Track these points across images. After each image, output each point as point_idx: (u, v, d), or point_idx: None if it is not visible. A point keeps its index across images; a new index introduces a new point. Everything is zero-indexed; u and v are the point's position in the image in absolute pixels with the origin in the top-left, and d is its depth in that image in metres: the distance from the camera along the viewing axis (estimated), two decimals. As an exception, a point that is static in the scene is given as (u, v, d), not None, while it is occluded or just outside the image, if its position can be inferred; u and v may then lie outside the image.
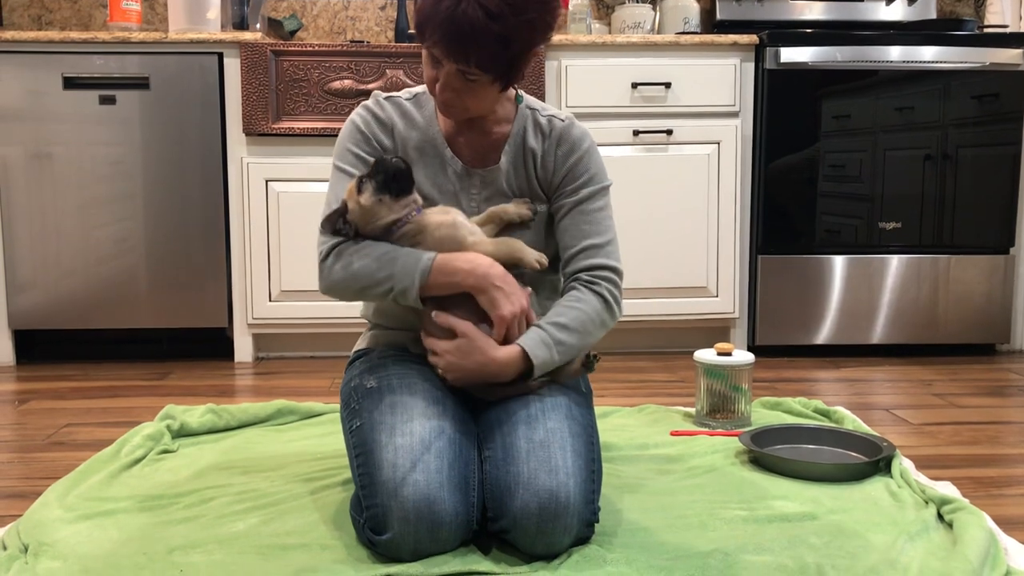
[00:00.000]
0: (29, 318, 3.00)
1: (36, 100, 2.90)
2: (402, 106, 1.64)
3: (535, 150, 1.62)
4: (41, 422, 2.32)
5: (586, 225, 1.61)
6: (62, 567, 1.40)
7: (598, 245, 1.60)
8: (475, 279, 1.50)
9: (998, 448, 2.10)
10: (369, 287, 1.52)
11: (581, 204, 1.61)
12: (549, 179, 1.63)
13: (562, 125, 1.63)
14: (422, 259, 1.50)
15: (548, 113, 1.64)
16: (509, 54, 1.44)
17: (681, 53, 3.00)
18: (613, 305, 1.59)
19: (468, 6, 1.39)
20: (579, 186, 1.62)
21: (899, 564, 1.40)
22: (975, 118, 3.04)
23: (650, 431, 2.13)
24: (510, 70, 1.47)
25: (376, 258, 1.51)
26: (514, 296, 1.50)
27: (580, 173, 1.62)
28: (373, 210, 1.51)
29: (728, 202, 3.04)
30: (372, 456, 1.44)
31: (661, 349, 3.17)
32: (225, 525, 1.57)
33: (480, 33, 1.40)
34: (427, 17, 1.43)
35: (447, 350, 1.52)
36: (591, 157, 1.63)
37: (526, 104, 1.65)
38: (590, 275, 1.59)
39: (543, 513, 1.38)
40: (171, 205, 2.98)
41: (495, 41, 1.41)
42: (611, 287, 1.59)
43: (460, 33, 1.40)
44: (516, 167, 1.62)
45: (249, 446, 2.04)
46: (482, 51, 1.42)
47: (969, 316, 3.12)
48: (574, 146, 1.62)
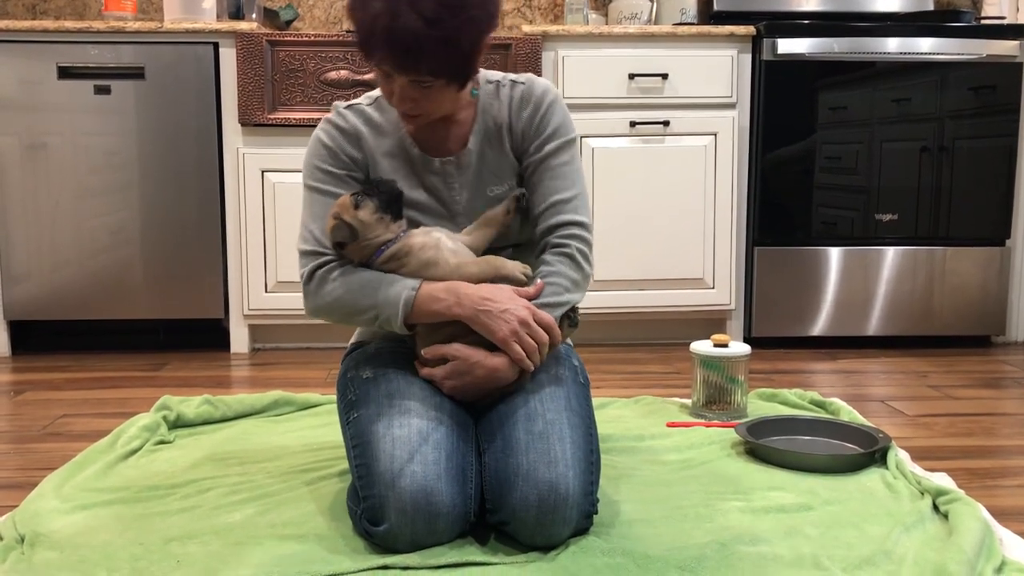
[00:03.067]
0: (24, 309, 2.99)
1: (31, 90, 2.89)
2: (365, 113, 1.61)
3: (502, 121, 1.60)
4: (37, 413, 2.32)
5: (551, 181, 1.58)
6: (58, 557, 1.40)
7: (564, 200, 1.58)
8: (461, 309, 1.47)
9: (993, 439, 2.10)
10: (354, 314, 1.53)
11: (546, 160, 1.59)
12: (520, 142, 1.60)
13: (522, 88, 1.61)
14: (405, 290, 1.49)
15: (508, 80, 1.62)
16: (458, 55, 1.41)
17: (678, 44, 2.99)
18: (583, 263, 1.57)
19: (405, 17, 1.36)
20: (543, 142, 1.59)
21: (895, 555, 1.40)
22: (972, 110, 3.04)
23: (646, 422, 2.14)
24: (463, 69, 1.45)
25: (360, 287, 1.51)
26: (506, 312, 1.47)
27: (543, 128, 1.59)
28: (372, 227, 1.50)
29: (725, 194, 3.04)
30: (369, 447, 1.44)
31: (657, 341, 3.17)
32: (221, 516, 1.57)
33: (423, 42, 1.37)
34: (367, 34, 1.40)
35: (446, 376, 1.51)
36: (553, 111, 1.60)
37: (485, 79, 1.62)
38: (558, 236, 1.57)
39: (542, 505, 1.38)
40: (167, 196, 2.97)
41: (440, 46, 1.38)
42: (579, 244, 1.57)
43: (403, 46, 1.38)
44: (487, 145, 1.60)
45: (245, 437, 2.04)
46: (429, 59, 1.39)
47: (965, 308, 3.13)
48: (536, 104, 1.59)
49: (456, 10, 1.38)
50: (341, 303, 1.52)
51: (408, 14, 1.36)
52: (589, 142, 2.99)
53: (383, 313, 1.50)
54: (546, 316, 1.49)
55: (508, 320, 1.46)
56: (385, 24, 1.37)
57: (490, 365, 1.49)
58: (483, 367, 1.49)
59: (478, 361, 1.49)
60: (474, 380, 1.50)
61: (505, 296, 1.49)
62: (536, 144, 1.59)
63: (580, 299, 1.58)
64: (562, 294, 1.54)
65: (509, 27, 3.57)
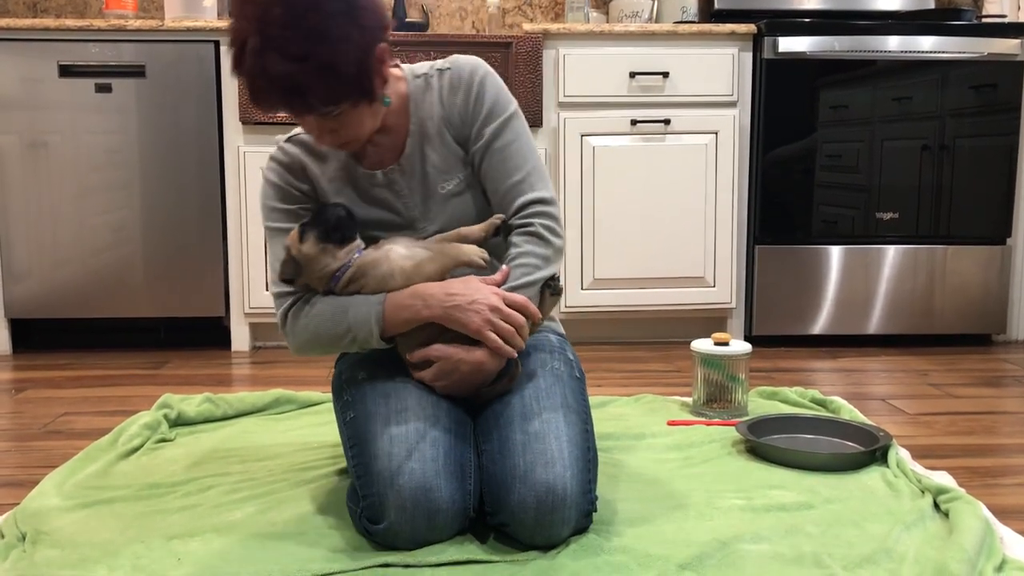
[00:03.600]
0: (25, 307, 2.99)
1: (32, 88, 2.89)
2: (305, 143, 1.59)
3: (436, 113, 1.56)
4: (38, 411, 2.32)
5: (501, 164, 1.54)
6: (59, 555, 1.40)
7: (518, 181, 1.54)
8: (430, 311, 1.47)
9: (994, 438, 2.10)
10: (334, 343, 1.53)
11: (490, 144, 1.55)
12: (462, 130, 1.57)
13: (449, 74, 1.56)
14: (372, 307, 1.48)
15: (435, 69, 1.58)
16: (344, 79, 1.36)
17: (679, 42, 2.99)
18: (550, 237, 1.53)
19: (275, 63, 1.32)
20: (482, 125, 1.55)
21: (895, 553, 1.40)
22: (973, 108, 3.04)
23: (647, 421, 2.14)
24: (358, 89, 1.39)
25: (331, 316, 1.50)
26: (475, 303, 1.45)
27: (479, 111, 1.55)
28: (317, 258, 1.50)
29: (726, 192, 3.04)
30: (367, 446, 1.44)
31: (658, 339, 3.17)
32: (222, 514, 1.57)
33: (301, 80, 1.34)
34: (251, 89, 1.37)
35: (433, 377, 1.51)
36: (485, 90, 1.55)
37: (412, 74, 1.58)
38: (521, 217, 1.54)
39: (541, 507, 1.38)
40: (167, 194, 2.97)
41: (321, 78, 1.34)
42: (543, 219, 1.53)
43: (284, 90, 1.35)
44: (427, 144, 1.57)
45: (246, 435, 2.04)
46: (316, 93, 1.36)
47: (965, 306, 3.13)
48: (467, 87, 1.55)
49: (323, 38, 1.33)
50: (318, 337, 1.52)
51: (276, 60, 1.32)
52: (590, 140, 2.99)
53: (359, 335, 1.50)
54: (517, 297, 1.47)
55: (479, 310, 1.45)
56: (260, 74, 1.34)
57: (473, 360, 1.48)
58: (467, 363, 1.48)
59: (461, 358, 1.48)
60: (461, 377, 1.49)
61: (472, 287, 1.47)
62: (476, 129, 1.55)
63: (555, 271, 1.55)
64: (533, 272, 1.51)
65: (510, 25, 3.57)
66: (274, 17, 1.32)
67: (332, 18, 1.34)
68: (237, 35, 1.36)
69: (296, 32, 1.32)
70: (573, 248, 3.02)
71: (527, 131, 1.59)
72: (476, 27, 3.57)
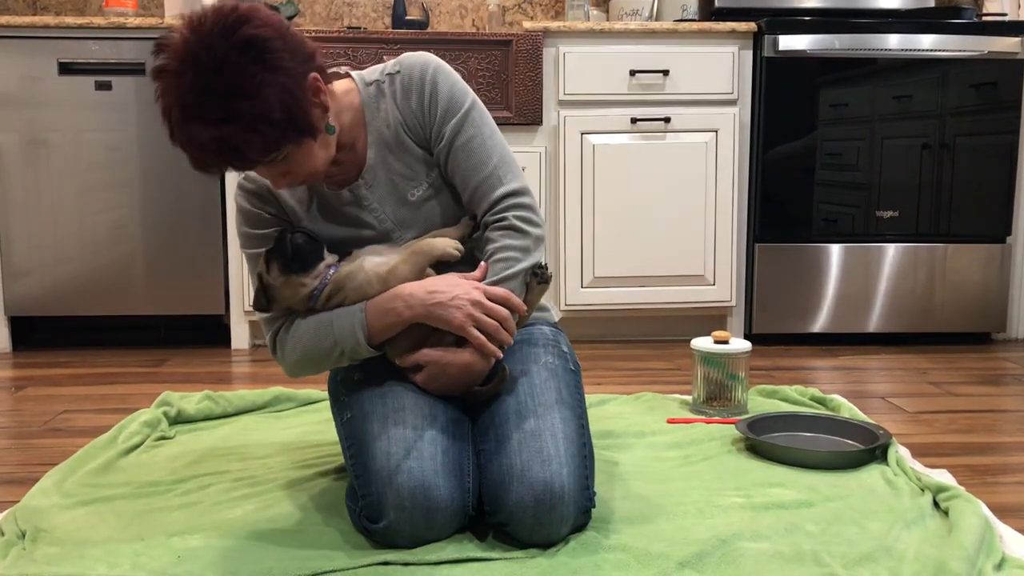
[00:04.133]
0: (25, 305, 2.99)
1: (31, 86, 2.89)
2: None
3: (394, 121, 1.53)
4: (38, 408, 2.32)
5: (465, 162, 1.51)
6: (59, 552, 1.40)
7: (486, 176, 1.51)
8: (412, 311, 1.46)
9: (994, 436, 2.10)
10: (323, 358, 1.52)
11: (452, 143, 1.51)
12: (420, 134, 1.53)
13: (400, 76, 1.52)
14: (355, 316, 1.48)
15: (385, 74, 1.54)
16: (277, 125, 1.32)
17: (679, 40, 2.99)
18: (527, 227, 1.50)
19: (200, 132, 1.30)
20: (440, 125, 1.51)
21: (895, 551, 1.40)
22: (973, 107, 3.03)
23: (647, 419, 2.14)
24: (295, 130, 1.35)
25: (316, 333, 1.50)
26: (456, 299, 1.44)
27: (435, 111, 1.51)
28: (286, 286, 1.49)
29: (726, 190, 3.04)
30: (365, 446, 1.44)
31: (658, 337, 3.17)
32: (222, 511, 1.57)
33: (232, 140, 1.31)
34: (190, 160, 1.36)
35: (425, 381, 1.50)
36: (437, 89, 1.51)
37: (363, 81, 1.55)
38: (494, 213, 1.51)
39: (539, 505, 1.38)
40: (167, 192, 2.97)
41: (251, 133, 1.31)
42: (517, 211, 1.50)
43: (220, 154, 1.33)
44: (388, 153, 1.54)
45: (246, 433, 2.05)
46: (251, 148, 1.33)
47: (965, 305, 3.13)
48: (419, 88, 1.51)
49: (239, 94, 1.29)
50: (308, 355, 1.52)
51: (200, 128, 1.30)
52: (590, 138, 2.99)
53: (346, 347, 1.49)
54: (498, 290, 1.46)
55: (460, 306, 1.44)
56: (190, 144, 1.33)
57: (461, 362, 1.48)
58: (454, 365, 1.48)
59: (448, 361, 1.48)
60: (451, 379, 1.49)
61: (452, 283, 1.46)
62: (436, 130, 1.52)
63: (537, 260, 1.52)
64: (513, 265, 1.49)
65: (510, 23, 3.56)
66: (186, 84, 1.29)
67: (243, 71, 1.29)
68: (163, 110, 1.33)
69: (210, 95, 1.29)
70: (573, 246, 3.02)
71: (489, 122, 1.54)
72: (476, 25, 3.56)
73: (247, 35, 1.30)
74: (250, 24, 1.31)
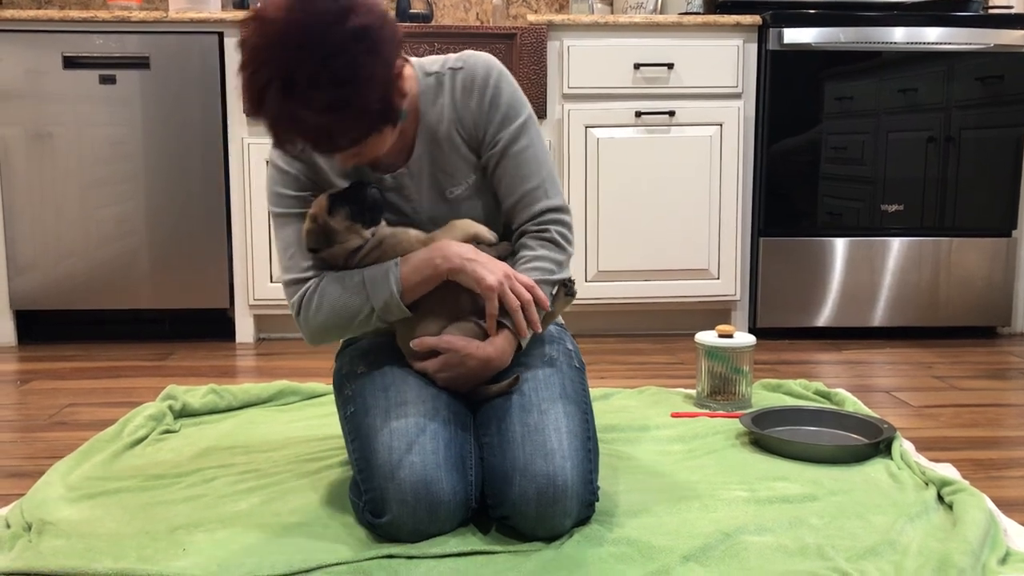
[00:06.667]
0: (31, 298, 3.00)
1: (36, 80, 2.89)
2: None
3: (447, 116, 1.53)
4: (43, 402, 2.33)
5: (516, 171, 1.53)
6: (65, 545, 1.40)
7: (533, 188, 1.53)
8: (448, 263, 1.45)
9: (998, 430, 2.10)
10: (351, 318, 1.49)
11: (506, 150, 1.52)
12: (474, 134, 1.54)
13: (462, 74, 1.52)
14: (389, 268, 1.47)
15: (447, 67, 1.53)
16: (371, 116, 1.34)
17: (684, 34, 2.98)
18: (564, 244, 1.55)
19: (305, 118, 1.29)
20: (496, 129, 1.52)
21: (899, 545, 1.40)
22: (979, 100, 3.02)
23: (651, 413, 2.14)
24: (383, 119, 1.36)
25: (343, 291, 1.48)
26: (491, 263, 1.46)
27: (494, 115, 1.52)
28: (342, 234, 1.49)
29: (730, 184, 3.03)
30: (368, 440, 1.45)
31: (662, 331, 3.17)
32: (227, 505, 1.58)
33: (332, 129, 1.32)
34: (277, 135, 1.35)
35: (438, 369, 1.50)
36: (500, 93, 1.52)
37: (423, 71, 1.54)
38: (536, 223, 1.54)
39: (542, 499, 1.38)
40: (172, 185, 2.97)
41: (351, 123, 1.32)
42: (559, 227, 1.54)
43: (315, 140, 1.33)
44: (435, 148, 1.54)
45: (251, 427, 2.05)
46: (345, 136, 1.34)
47: (970, 299, 3.12)
48: (481, 89, 1.51)
49: (349, 83, 1.29)
50: (335, 315, 1.49)
51: (302, 111, 1.29)
52: (594, 132, 2.98)
53: (378, 303, 1.47)
54: (526, 278, 1.47)
55: (494, 270, 1.45)
56: (287, 122, 1.31)
57: (482, 355, 1.48)
58: (475, 358, 1.48)
59: (470, 352, 1.48)
60: (467, 371, 1.49)
61: (486, 256, 1.48)
62: (491, 134, 1.52)
63: (568, 275, 1.57)
64: (547, 275, 1.52)
65: (514, 16, 3.56)
66: (296, 63, 1.27)
67: (356, 61, 1.28)
68: (258, 81, 1.29)
69: (321, 81, 1.27)
70: (577, 240, 3.01)
71: (541, 135, 1.57)
72: (480, 18, 3.56)
73: (361, 23, 1.29)
74: (358, 10, 1.31)
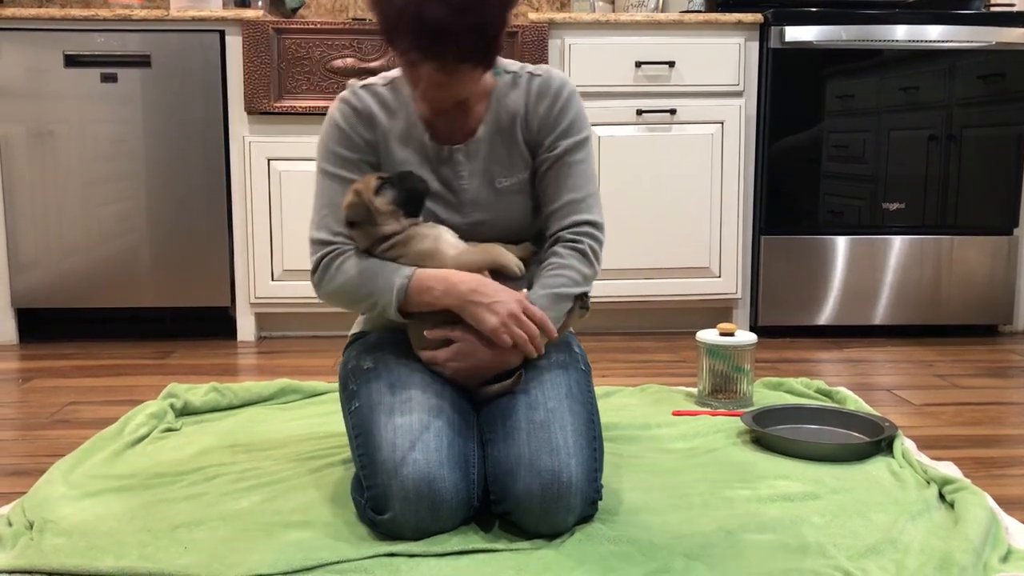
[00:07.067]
0: (32, 297, 3.00)
1: (37, 78, 2.89)
2: (380, 94, 1.59)
3: (516, 112, 1.58)
4: (45, 400, 2.33)
5: (567, 179, 1.57)
6: (67, 543, 1.41)
7: (579, 199, 1.57)
8: (450, 299, 1.48)
9: (1000, 429, 2.10)
10: (357, 302, 1.55)
11: (562, 157, 1.57)
12: (535, 136, 1.59)
13: (540, 80, 1.59)
14: (399, 279, 1.49)
15: (526, 71, 1.60)
16: (484, 39, 1.39)
17: (685, 31, 2.98)
18: (593, 259, 1.58)
19: (433, 8, 1.33)
20: (558, 137, 1.57)
21: (900, 543, 1.40)
22: (980, 98, 3.02)
23: (652, 411, 2.14)
24: (489, 52, 1.43)
25: (359, 275, 1.52)
26: (497, 304, 1.47)
27: (559, 123, 1.57)
28: (384, 217, 1.51)
29: (731, 182, 3.03)
30: (371, 437, 1.45)
31: (663, 329, 3.16)
32: (228, 503, 1.58)
33: (452, 30, 1.35)
34: (393, 24, 1.38)
35: (449, 358, 1.51)
36: (570, 107, 1.58)
37: (504, 68, 1.60)
38: (572, 232, 1.56)
39: (546, 494, 1.38)
40: (173, 184, 2.97)
41: (468, 32, 1.36)
42: (592, 242, 1.57)
43: (432, 35, 1.36)
44: (498, 135, 1.59)
45: (252, 425, 2.05)
46: (457, 46, 1.37)
47: (972, 297, 3.12)
48: (554, 98, 1.58)
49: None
50: (344, 291, 1.54)
51: (436, 4, 1.33)
52: (596, 130, 2.98)
53: (380, 301, 1.51)
54: (537, 311, 1.49)
55: (497, 311, 1.46)
56: (413, 13, 1.35)
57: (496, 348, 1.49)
58: (486, 351, 1.49)
59: (483, 344, 1.49)
60: (478, 362, 1.50)
61: (496, 288, 1.49)
62: (552, 139, 1.58)
63: (588, 290, 1.58)
64: (571, 287, 1.54)
65: (515, 14, 3.55)
66: None
67: None
68: None
69: None
70: (578, 238, 3.02)
71: (594, 159, 1.62)
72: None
73: None
74: None
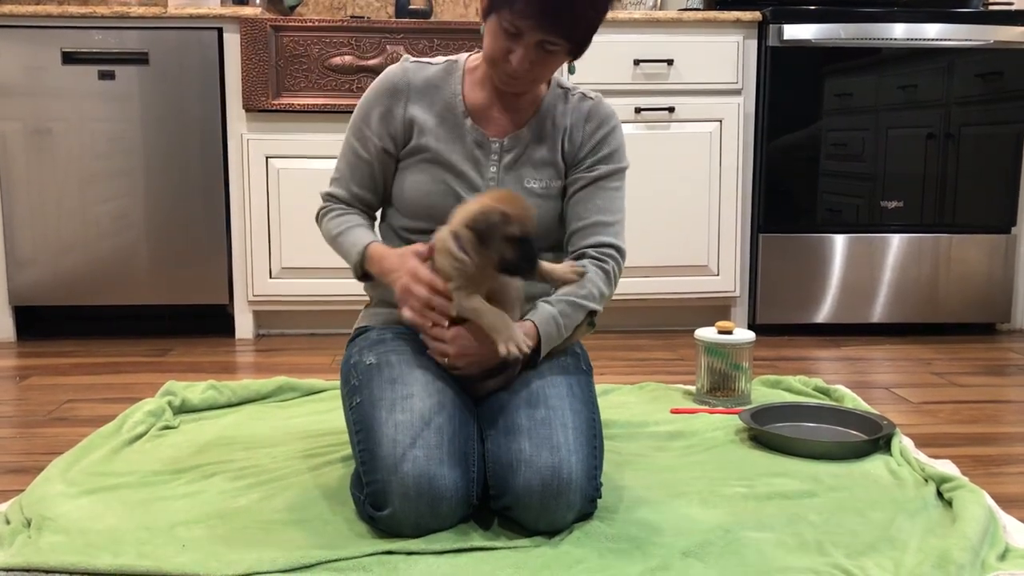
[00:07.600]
0: (30, 294, 2.99)
1: (35, 75, 2.88)
2: (427, 71, 1.63)
3: (564, 125, 1.63)
4: (43, 398, 2.32)
5: (600, 201, 1.62)
6: (65, 541, 1.40)
7: (609, 223, 1.61)
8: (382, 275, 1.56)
9: (998, 427, 2.10)
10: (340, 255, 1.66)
11: (599, 180, 1.62)
12: (575, 152, 1.63)
13: (592, 102, 1.66)
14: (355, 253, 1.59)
15: (579, 91, 1.67)
16: (594, 22, 1.47)
17: (684, 29, 2.98)
18: (613, 282, 1.63)
19: None
20: (599, 161, 1.63)
21: (898, 541, 1.40)
22: (979, 97, 3.02)
23: (650, 409, 2.14)
24: (587, 39, 1.50)
25: (332, 239, 1.65)
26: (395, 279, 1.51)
27: (603, 149, 1.63)
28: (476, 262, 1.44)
29: (730, 180, 3.03)
30: (372, 432, 1.45)
31: (662, 327, 3.17)
32: (227, 501, 1.58)
33: (575, 10, 1.42)
34: None
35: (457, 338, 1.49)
36: (615, 136, 1.65)
37: (557, 83, 1.66)
38: (599, 251, 1.60)
39: (546, 490, 1.38)
40: (171, 181, 2.97)
41: (588, 9, 1.44)
42: (616, 266, 1.62)
43: (555, 5, 1.41)
44: (540, 138, 1.63)
45: (250, 422, 2.05)
46: (573, 22, 1.44)
47: (970, 295, 3.12)
48: (602, 122, 1.65)
49: None
50: (331, 241, 1.66)
51: None
52: (594, 128, 2.98)
53: (348, 260, 1.62)
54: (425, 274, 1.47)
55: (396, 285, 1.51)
56: None
57: None
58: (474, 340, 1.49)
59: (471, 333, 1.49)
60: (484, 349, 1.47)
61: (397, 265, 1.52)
62: (592, 161, 1.63)
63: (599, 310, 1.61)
64: (589, 300, 1.57)
65: (514, 12, 3.55)
66: None
67: None
68: None
69: None
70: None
71: (626, 191, 1.67)
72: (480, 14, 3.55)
73: None
74: None
